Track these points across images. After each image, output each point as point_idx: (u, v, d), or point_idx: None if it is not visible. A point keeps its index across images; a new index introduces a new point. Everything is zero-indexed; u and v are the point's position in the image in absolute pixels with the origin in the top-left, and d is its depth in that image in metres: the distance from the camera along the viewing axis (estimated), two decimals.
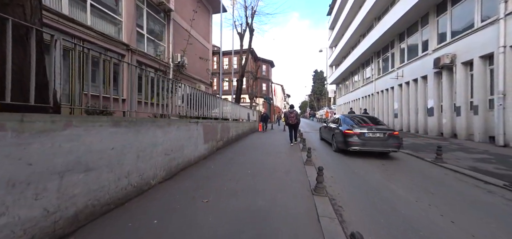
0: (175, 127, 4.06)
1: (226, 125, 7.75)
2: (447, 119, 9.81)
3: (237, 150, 6.86)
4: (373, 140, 5.98)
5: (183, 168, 4.36)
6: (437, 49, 10.48)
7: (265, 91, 36.68)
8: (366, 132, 6.05)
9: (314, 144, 8.68)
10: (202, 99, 6.05)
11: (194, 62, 12.88)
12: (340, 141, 6.56)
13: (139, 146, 2.97)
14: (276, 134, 12.78)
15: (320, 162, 5.44)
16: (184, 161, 4.40)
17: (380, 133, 5.99)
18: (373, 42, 16.47)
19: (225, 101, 9.48)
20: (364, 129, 6.12)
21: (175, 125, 4.03)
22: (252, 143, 8.77)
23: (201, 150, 5.30)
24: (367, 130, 6.09)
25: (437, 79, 10.67)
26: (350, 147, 6.05)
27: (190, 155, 4.72)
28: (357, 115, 9.55)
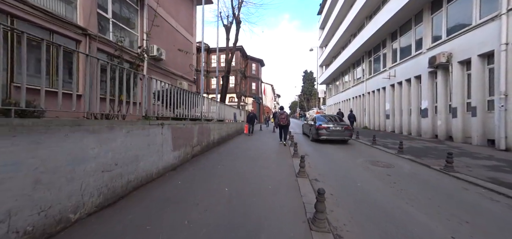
0: (123, 132, 2.97)
1: (206, 127, 6.69)
2: (442, 121, 9.39)
3: (217, 157, 5.83)
4: (335, 132, 8.85)
5: (138, 186, 3.28)
6: (431, 48, 10.07)
7: (254, 91, 35.78)
8: (331, 126, 8.94)
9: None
10: (177, 97, 4.98)
11: (174, 56, 11.63)
12: (314, 133, 9.31)
13: (41, 165, 1.87)
14: (264, 136, 11.85)
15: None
16: (139, 176, 3.31)
17: (340, 127, 8.92)
18: (364, 41, 16.07)
19: (208, 100, 8.40)
20: (330, 124, 9.00)
21: (122, 130, 2.94)
22: (236, 147, 7.77)
23: (168, 159, 4.22)
24: (332, 125, 8.98)
25: (431, 79, 10.27)
26: (320, 137, 8.89)
27: (151, 168, 3.63)
28: (327, 115, 12.58)
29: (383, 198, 3.20)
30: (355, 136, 10.55)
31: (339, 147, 7.98)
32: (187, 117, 5.50)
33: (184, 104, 5.48)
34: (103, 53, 6.99)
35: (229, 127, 9.95)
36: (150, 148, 3.62)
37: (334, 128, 8.87)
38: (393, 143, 8.67)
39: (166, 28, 10.81)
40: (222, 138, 8.66)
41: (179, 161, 4.72)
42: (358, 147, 8.05)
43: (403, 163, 5.46)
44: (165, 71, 10.65)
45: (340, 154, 6.77)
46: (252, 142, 9.34)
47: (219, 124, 8.56)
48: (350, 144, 8.94)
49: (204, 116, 7.54)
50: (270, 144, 8.73)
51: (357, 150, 7.40)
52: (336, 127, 8.89)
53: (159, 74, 10.12)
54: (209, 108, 8.37)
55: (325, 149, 7.57)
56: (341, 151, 7.18)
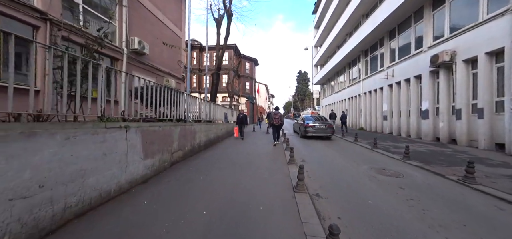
0: (58, 139, 2.13)
1: (190, 130, 5.86)
2: (444, 123, 8.92)
3: (200, 165, 5.01)
4: (320, 129, 10.48)
5: (85, 211, 2.45)
6: (433, 46, 9.60)
7: (248, 90, 35.03)
8: (317, 125, 10.54)
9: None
10: (158, 95, 4.17)
11: (160, 51, 10.71)
12: (303, 131, 10.97)
13: None
14: (257, 139, 11.09)
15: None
16: (87, 198, 2.48)
17: (324, 126, 10.56)
18: (361, 40, 15.59)
19: (195, 99, 7.57)
20: (316, 124, 10.61)
21: (54, 136, 2.10)
22: (225, 152, 6.97)
23: (136, 170, 3.39)
24: (317, 124, 10.60)
25: (432, 78, 9.80)
26: (307, 134, 10.49)
27: (108, 184, 2.80)
28: (314, 115, 13.93)
29: (406, 225, 2.50)
30: (353, 139, 9.97)
31: (338, 152, 7.33)
32: (167, 118, 4.67)
33: (167, 103, 4.66)
34: (75, 45, 6.04)
35: (218, 128, 9.14)
36: (107, 159, 2.79)
37: (319, 126, 10.64)
38: (395, 147, 8.11)
39: (151, 20, 9.88)
40: (210, 141, 7.84)
41: (153, 171, 3.89)
42: (358, 151, 7.42)
43: (412, 172, 4.82)
44: (149, 67, 9.72)
45: (341, 160, 6.09)
46: (243, 145, 8.56)
47: (207, 125, 7.74)
48: (350, 147, 8.32)
49: (190, 116, 6.72)
50: (262, 147, 7.98)
51: (358, 155, 6.75)
52: (321, 126, 10.66)
53: (142, 70, 9.19)
54: (197, 107, 7.55)
55: (324, 154, 6.90)
56: (341, 157, 6.51)
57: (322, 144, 9.16)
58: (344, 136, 11.84)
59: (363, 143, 9.22)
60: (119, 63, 7.73)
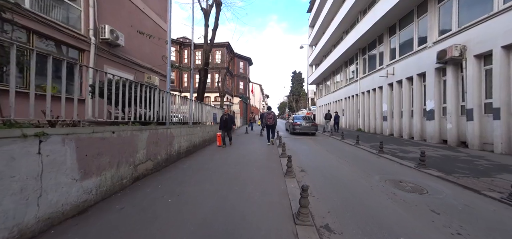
0: None
1: (165, 134, 4.78)
2: (452, 124, 8.19)
3: (175, 179, 3.96)
4: (305, 127, 12.53)
5: None
6: (439, 41, 8.89)
7: (242, 90, 34.03)
8: (303, 123, 12.64)
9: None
10: (126, 92, 3.12)
11: (140, 44, 9.54)
12: (291, 128, 13.13)
13: None
14: (249, 142, 10.07)
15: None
16: None
17: (309, 124, 12.66)
18: (358, 37, 14.89)
19: (176, 97, 6.49)
20: (302, 122, 12.69)
21: None
22: (210, 159, 5.92)
23: (64, 197, 2.32)
24: (303, 122, 12.69)
25: (438, 76, 9.09)
26: (295, 130, 12.60)
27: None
28: (301, 116, 15.00)
29: None
30: (355, 141, 9.14)
31: (342, 158, 6.42)
32: (137, 120, 3.60)
33: (141, 102, 3.60)
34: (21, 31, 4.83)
35: (205, 131, 8.07)
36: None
37: (305, 124, 12.80)
38: (402, 151, 7.29)
39: (127, 8, 8.70)
40: (194, 146, 6.77)
41: (99, 194, 2.81)
42: (363, 157, 6.54)
43: (435, 185, 3.94)
44: (127, 62, 8.53)
45: (346, 168, 5.17)
46: (233, 150, 7.53)
47: (191, 128, 6.66)
48: (352, 152, 7.44)
49: (175, 118, 5.65)
50: (255, 153, 6.98)
51: (364, 162, 5.86)
52: (306, 124, 12.82)
53: (118, 65, 8.01)
54: (186, 107, 6.48)
55: (325, 161, 5.96)
56: (346, 164, 5.59)
57: (322, 148, 8.26)
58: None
59: (365, 146, 8.38)
60: (86, 55, 6.53)
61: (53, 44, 5.70)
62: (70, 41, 5.98)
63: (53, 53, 5.15)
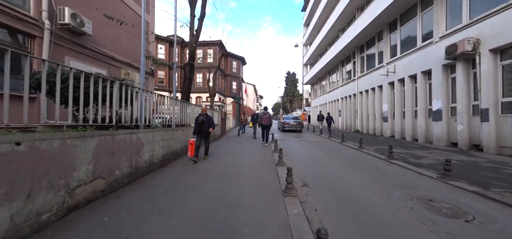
0: None
1: (131, 141, 3.69)
2: (464, 126, 7.48)
3: (130, 209, 2.88)
4: (292, 125, 15.34)
5: None
6: (447, 36, 8.20)
7: (235, 90, 32.97)
8: (291, 122, 15.45)
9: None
10: None
11: (116, 35, 8.36)
12: (282, 126, 16.02)
13: None
14: (240, 146, 9.03)
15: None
16: None
17: (296, 123, 15.42)
18: (356, 35, 14.20)
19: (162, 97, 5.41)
20: (290, 121, 15.50)
21: None
22: (189, 174, 4.86)
23: None
24: (291, 121, 15.50)
25: (446, 74, 8.40)
26: (285, 128, 15.50)
27: None
28: (291, 116, 17.37)
29: None
30: (357, 145, 8.30)
31: (348, 166, 5.50)
32: (88, 123, 2.52)
33: (100, 100, 2.52)
34: None
35: (189, 134, 6.98)
36: None
37: (292, 123, 15.55)
38: (412, 156, 6.47)
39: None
40: (173, 153, 5.67)
41: None
42: (372, 164, 5.65)
43: (479, 206, 3.06)
44: (97, 54, 7.33)
45: (357, 180, 4.24)
46: (220, 159, 6.49)
47: (171, 131, 5.57)
48: (357, 157, 6.55)
49: (157, 120, 4.56)
50: (248, 161, 5.96)
51: (376, 171, 4.96)
52: (293, 123, 15.57)
53: (84, 57, 6.80)
54: (166, 107, 5.39)
55: (330, 169, 5.02)
56: (358, 176, 4.67)
57: (323, 153, 7.34)
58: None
59: (370, 150, 7.54)
60: (38, 43, 5.32)
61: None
62: (14, 24, 4.77)
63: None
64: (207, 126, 5.77)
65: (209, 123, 5.81)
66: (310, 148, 8.39)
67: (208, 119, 5.85)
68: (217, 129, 11.85)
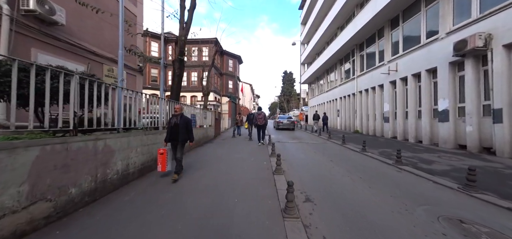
0: None
1: (95, 149, 3.00)
2: (473, 127, 7.00)
3: None
4: (286, 124, 17.30)
5: None
6: (454, 31, 7.70)
7: (231, 90, 32.27)
8: (284, 121, 17.51)
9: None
10: None
11: (97, 27, 7.59)
12: (276, 125, 18.30)
13: None
14: (233, 152, 8.35)
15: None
16: None
17: (289, 122, 17.42)
18: (356, 32, 13.68)
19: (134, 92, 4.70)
20: (284, 120, 17.60)
21: None
22: (170, 187, 4.18)
23: None
24: (285, 120, 17.58)
25: (453, 71, 7.91)
26: (279, 126, 17.58)
27: None
28: (286, 116, 20.09)
29: None
30: (360, 147, 7.74)
31: (353, 174, 4.90)
32: None
33: None
34: None
35: None
36: None
37: (286, 122, 17.43)
38: (420, 160, 5.93)
39: None
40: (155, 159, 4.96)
41: None
42: (380, 170, 5.07)
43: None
44: (73, 47, 6.56)
45: (369, 193, 3.64)
46: (209, 165, 5.82)
47: (152, 135, 4.86)
48: (361, 161, 5.97)
49: (143, 121, 3.86)
50: (241, 168, 5.31)
51: (387, 180, 4.38)
52: (287, 122, 17.44)
53: (56, 50, 6.03)
54: (136, 108, 4.67)
55: (340, 183, 4.41)
56: (367, 187, 4.07)
57: (324, 157, 6.75)
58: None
59: (374, 153, 7.00)
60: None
61: None
62: None
63: None
64: (184, 132, 4.21)
65: (186, 128, 4.27)
66: (310, 151, 7.79)
67: (185, 122, 4.31)
68: (210, 130, 11.16)
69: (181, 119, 4.33)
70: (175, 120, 4.34)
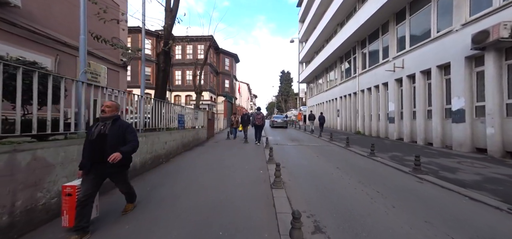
0: None
1: (12, 164, 2.07)
2: (495, 128, 6.24)
3: None
4: (280, 123, 20.82)
5: None
6: (472, 22, 6.94)
7: (228, 89, 31.32)
8: (278, 120, 21.21)
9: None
10: None
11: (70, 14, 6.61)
12: (272, 123, 21.64)
13: None
14: (226, 158, 7.41)
15: None
16: None
17: (282, 121, 21.30)
18: (358, 27, 12.91)
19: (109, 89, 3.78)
20: (278, 120, 21.40)
21: None
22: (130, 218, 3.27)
23: None
24: (279, 120, 21.43)
25: (470, 67, 7.16)
26: (273, 125, 21.00)
27: None
28: (280, 116, 26.16)
29: None
30: (368, 152, 6.92)
31: (373, 188, 4.06)
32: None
33: None
34: None
35: (155, 142, 5.35)
36: None
37: (280, 121, 20.91)
38: (439, 166, 5.13)
39: None
40: None
41: None
42: (400, 184, 4.24)
43: None
44: (34, 35, 5.57)
45: (398, 221, 2.79)
46: (187, 185, 4.94)
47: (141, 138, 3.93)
48: (371, 168, 5.14)
49: (59, 123, 2.94)
50: (233, 182, 4.44)
51: (412, 196, 3.55)
52: (280, 121, 20.94)
53: (12, 37, 5.05)
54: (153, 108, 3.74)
55: (356, 203, 3.55)
56: (392, 208, 3.22)
57: (330, 163, 5.91)
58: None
59: (384, 158, 6.20)
60: None
61: None
62: None
63: None
64: (113, 146, 2.31)
65: (121, 139, 2.43)
66: (311, 155, 6.96)
67: (120, 131, 2.45)
68: (202, 132, 10.24)
69: (112, 127, 2.41)
70: (102, 128, 2.38)
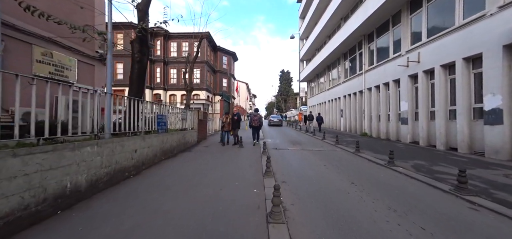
0: None
1: None
2: None
3: None
4: (276, 121, 24.41)
5: None
6: (511, 4, 5.78)
7: (225, 88, 30.13)
8: (275, 119, 24.98)
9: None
10: None
11: None
12: (269, 122, 25.24)
13: None
14: (216, 169, 6.24)
15: None
16: None
17: (278, 120, 25.16)
18: (365, 20, 11.77)
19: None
20: (275, 119, 25.11)
21: None
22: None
23: None
24: (275, 119, 25.02)
25: (508, 58, 5.99)
26: (270, 123, 24.48)
27: None
28: (276, 115, 31.44)
29: None
30: (386, 160, 5.72)
31: (410, 218, 2.86)
32: None
33: None
34: None
35: (117, 151, 4.15)
36: None
37: (276, 120, 24.48)
38: (486, 183, 3.95)
39: None
40: (57, 195, 2.83)
41: None
42: (443, 209, 3.06)
43: None
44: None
45: None
46: (146, 220, 3.74)
47: (53, 154, 2.74)
48: (409, 191, 3.95)
49: None
50: (211, 233, 3.25)
51: (472, 235, 2.36)
52: (276, 120, 24.54)
53: None
54: (95, 107, 2.57)
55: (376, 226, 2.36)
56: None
57: (340, 175, 4.73)
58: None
59: (407, 168, 5.03)
60: None
61: None
62: None
63: None
64: None
65: None
66: (318, 164, 5.77)
67: None
68: (191, 134, 9.04)
69: None
70: None
